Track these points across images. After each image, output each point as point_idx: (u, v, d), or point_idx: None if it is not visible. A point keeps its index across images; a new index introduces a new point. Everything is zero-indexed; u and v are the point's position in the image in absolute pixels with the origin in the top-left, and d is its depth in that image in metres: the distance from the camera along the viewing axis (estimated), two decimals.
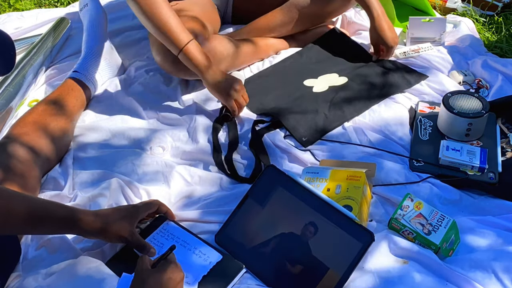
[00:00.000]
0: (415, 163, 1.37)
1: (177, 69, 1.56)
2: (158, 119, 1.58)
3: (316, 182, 1.25)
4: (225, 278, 1.11)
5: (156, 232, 1.20)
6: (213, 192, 1.34)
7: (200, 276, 1.11)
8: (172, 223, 1.22)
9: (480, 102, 1.43)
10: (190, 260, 1.14)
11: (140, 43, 1.90)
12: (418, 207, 1.17)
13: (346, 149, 1.42)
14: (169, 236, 1.19)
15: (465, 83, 1.65)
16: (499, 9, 2.02)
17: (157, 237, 1.19)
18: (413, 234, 1.15)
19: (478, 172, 1.33)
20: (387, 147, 1.42)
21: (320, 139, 1.46)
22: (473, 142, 1.42)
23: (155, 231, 1.20)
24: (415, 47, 1.78)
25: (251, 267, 1.13)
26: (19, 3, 2.24)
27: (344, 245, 1.08)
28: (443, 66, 1.71)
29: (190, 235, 1.19)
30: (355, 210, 1.16)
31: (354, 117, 1.52)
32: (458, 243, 1.17)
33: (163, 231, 1.20)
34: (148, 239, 1.18)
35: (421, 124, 1.48)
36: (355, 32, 1.92)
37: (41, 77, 1.78)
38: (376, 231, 1.17)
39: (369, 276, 1.08)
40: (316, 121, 1.50)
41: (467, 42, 1.80)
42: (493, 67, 1.69)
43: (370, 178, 1.30)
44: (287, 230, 1.15)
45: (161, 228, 1.21)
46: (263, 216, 1.18)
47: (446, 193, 1.29)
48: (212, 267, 1.12)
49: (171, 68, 1.57)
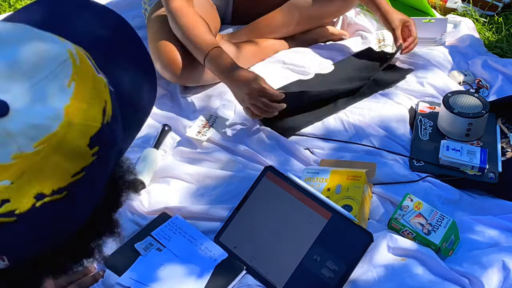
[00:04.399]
0: (415, 163, 1.37)
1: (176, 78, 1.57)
2: (156, 120, 1.58)
3: (316, 182, 1.25)
4: (225, 279, 1.11)
5: (165, 225, 1.21)
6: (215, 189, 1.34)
7: (205, 272, 1.11)
8: (181, 218, 1.23)
9: (480, 102, 1.43)
10: (196, 255, 1.15)
11: None
12: (418, 207, 1.17)
13: (346, 149, 1.42)
14: (177, 230, 1.21)
15: (465, 83, 1.65)
16: (499, 9, 2.02)
17: (165, 230, 1.21)
18: (412, 234, 1.15)
19: (478, 172, 1.32)
20: (387, 147, 1.42)
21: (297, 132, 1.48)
22: (473, 142, 1.42)
23: (164, 224, 1.21)
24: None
25: (250, 268, 1.13)
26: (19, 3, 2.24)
27: (343, 246, 1.09)
28: (443, 66, 1.71)
29: (197, 230, 1.21)
30: (355, 210, 1.16)
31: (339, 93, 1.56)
32: (458, 243, 1.17)
33: (171, 225, 1.22)
34: (155, 232, 1.20)
35: (421, 124, 1.48)
36: (355, 32, 1.92)
37: None
38: (376, 231, 1.17)
39: (368, 275, 1.08)
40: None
41: (467, 42, 1.80)
42: (493, 67, 1.69)
43: (370, 178, 1.29)
44: (286, 231, 1.15)
45: (170, 222, 1.22)
46: (262, 217, 1.18)
47: (446, 193, 1.29)
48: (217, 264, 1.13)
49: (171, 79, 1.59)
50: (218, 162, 1.41)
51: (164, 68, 1.56)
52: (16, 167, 0.47)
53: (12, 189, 0.47)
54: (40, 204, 0.49)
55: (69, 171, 0.50)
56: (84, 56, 0.54)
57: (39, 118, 0.48)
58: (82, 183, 0.51)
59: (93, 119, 0.51)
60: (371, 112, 1.53)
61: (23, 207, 0.48)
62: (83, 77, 0.52)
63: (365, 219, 1.21)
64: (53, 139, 0.48)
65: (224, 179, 1.35)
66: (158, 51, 1.57)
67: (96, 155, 0.52)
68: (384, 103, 1.57)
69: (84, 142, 0.50)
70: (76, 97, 0.50)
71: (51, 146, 0.48)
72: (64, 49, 0.52)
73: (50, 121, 0.48)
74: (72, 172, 0.50)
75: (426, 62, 1.72)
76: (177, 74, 1.55)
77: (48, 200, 0.49)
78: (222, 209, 1.26)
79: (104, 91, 0.54)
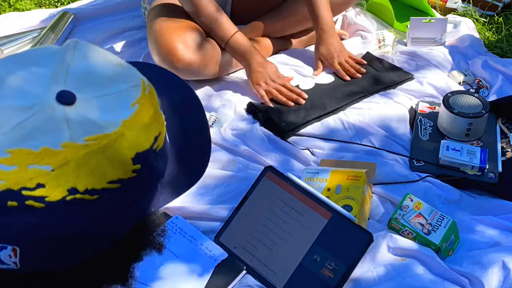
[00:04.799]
0: (415, 163, 1.37)
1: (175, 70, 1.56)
2: None
3: (317, 182, 1.25)
4: (225, 279, 1.11)
5: (165, 225, 1.21)
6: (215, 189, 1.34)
7: (205, 272, 1.11)
8: (181, 217, 1.23)
9: (480, 102, 1.43)
10: (196, 255, 1.15)
11: (140, 43, 1.89)
12: (418, 207, 1.17)
13: (346, 149, 1.42)
14: (177, 230, 1.21)
15: (465, 83, 1.65)
16: (499, 9, 2.02)
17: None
18: (412, 234, 1.15)
19: (478, 172, 1.32)
20: (387, 147, 1.42)
21: (300, 127, 1.49)
22: (473, 142, 1.42)
23: (164, 224, 1.21)
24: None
25: (250, 268, 1.13)
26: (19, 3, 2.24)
27: (344, 246, 1.08)
28: (443, 66, 1.71)
29: (197, 230, 1.21)
30: (356, 210, 1.16)
31: (335, 109, 1.55)
32: (458, 243, 1.17)
33: (171, 224, 1.22)
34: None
35: (421, 124, 1.48)
36: (355, 32, 1.92)
37: None
38: (376, 231, 1.17)
39: (368, 275, 1.08)
40: (298, 113, 1.53)
41: (467, 42, 1.80)
42: (493, 67, 1.69)
43: (370, 178, 1.29)
44: (285, 231, 1.15)
45: (170, 222, 1.22)
46: (262, 217, 1.18)
47: (446, 193, 1.29)
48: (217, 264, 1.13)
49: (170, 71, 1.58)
50: (218, 162, 1.41)
51: (163, 60, 1.55)
52: (62, 155, 0.48)
53: (51, 176, 0.48)
54: (71, 198, 0.49)
55: (107, 175, 0.51)
56: (154, 91, 0.58)
57: (98, 119, 0.50)
58: (114, 196, 0.52)
59: (144, 139, 0.53)
60: (371, 112, 1.53)
61: (54, 196, 0.48)
62: (147, 104, 0.55)
63: (365, 219, 1.21)
64: (104, 140, 0.50)
65: (224, 179, 1.36)
66: (156, 42, 1.56)
67: (136, 172, 0.53)
68: (384, 103, 1.57)
69: (130, 155, 0.52)
70: (135, 117, 0.53)
71: (99, 144, 0.49)
72: (139, 77, 0.56)
73: (106, 124, 0.50)
74: (109, 178, 0.51)
75: (426, 62, 1.72)
76: (175, 66, 1.54)
77: (79, 197, 0.50)
78: (222, 209, 1.26)
79: (161, 125, 0.57)
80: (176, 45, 1.52)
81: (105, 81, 0.53)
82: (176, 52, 1.52)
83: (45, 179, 0.48)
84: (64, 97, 0.50)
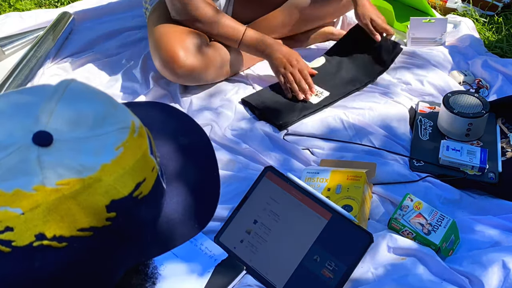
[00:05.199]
0: (415, 163, 1.37)
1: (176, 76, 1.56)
2: None
3: (317, 182, 1.25)
4: (225, 279, 1.11)
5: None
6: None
7: (205, 272, 1.11)
8: None
9: (480, 102, 1.43)
10: (196, 255, 1.15)
11: (140, 43, 1.89)
12: (418, 207, 1.17)
13: (346, 149, 1.42)
14: None
15: (465, 83, 1.65)
16: (499, 9, 2.02)
17: None
18: (412, 234, 1.15)
19: (478, 172, 1.32)
20: (387, 146, 1.42)
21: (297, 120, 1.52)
22: (473, 142, 1.42)
23: None
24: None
25: (250, 268, 1.13)
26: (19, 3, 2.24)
27: (343, 246, 1.08)
28: (443, 66, 1.71)
29: None
30: (356, 210, 1.16)
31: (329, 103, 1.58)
32: (458, 243, 1.17)
33: None
34: None
35: (421, 124, 1.48)
36: None
37: (45, 70, 1.78)
38: (376, 231, 1.17)
39: (368, 275, 1.08)
40: (293, 104, 1.57)
41: (467, 42, 1.80)
42: (493, 67, 1.69)
43: (370, 178, 1.30)
44: (285, 232, 1.15)
45: None
46: (262, 217, 1.18)
47: (446, 193, 1.29)
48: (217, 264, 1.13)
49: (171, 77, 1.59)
50: (218, 162, 1.39)
51: (164, 66, 1.55)
52: (33, 199, 0.46)
53: (20, 220, 0.46)
54: (37, 244, 0.47)
55: (78, 222, 0.48)
56: (145, 134, 0.55)
57: (74, 162, 0.48)
58: (86, 243, 0.49)
59: (123, 185, 0.50)
60: (371, 112, 1.54)
61: (21, 241, 0.47)
62: (134, 148, 0.52)
63: (365, 219, 1.21)
64: (76, 185, 0.47)
65: (224, 179, 1.36)
66: (157, 48, 1.56)
67: (111, 221, 0.50)
68: (384, 103, 1.57)
69: (104, 202, 0.49)
70: (118, 161, 0.50)
71: (71, 189, 0.47)
72: (128, 119, 0.53)
73: (82, 169, 0.48)
74: (80, 226, 0.48)
75: (426, 62, 1.72)
76: (177, 72, 1.55)
77: (46, 244, 0.47)
78: (222, 209, 1.26)
79: (148, 171, 0.53)
80: (177, 52, 1.53)
81: (91, 123, 0.51)
82: (177, 58, 1.53)
83: (14, 222, 0.46)
84: (40, 138, 0.48)
